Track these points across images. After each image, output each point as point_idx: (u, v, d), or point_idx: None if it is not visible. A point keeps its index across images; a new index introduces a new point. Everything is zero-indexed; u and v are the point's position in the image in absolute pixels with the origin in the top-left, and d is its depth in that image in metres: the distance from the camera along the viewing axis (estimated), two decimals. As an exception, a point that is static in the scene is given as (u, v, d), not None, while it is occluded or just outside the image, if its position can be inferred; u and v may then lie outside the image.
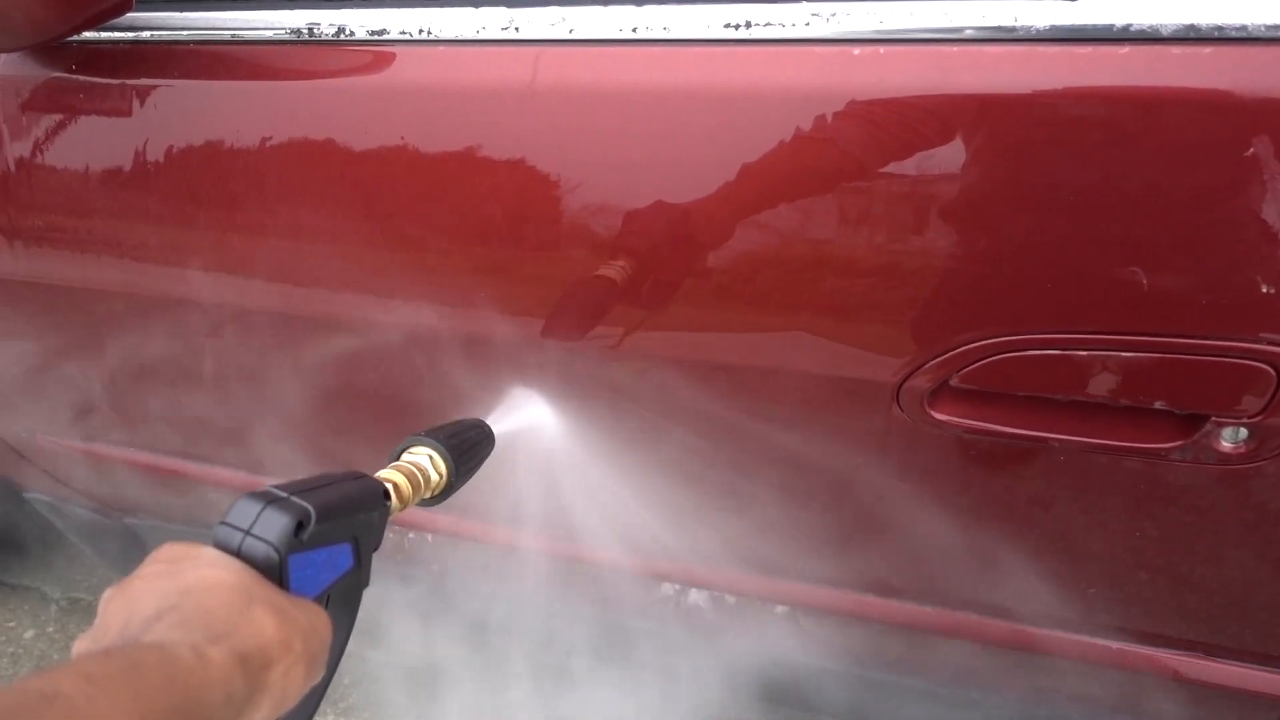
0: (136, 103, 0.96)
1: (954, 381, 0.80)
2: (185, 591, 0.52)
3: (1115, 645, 0.99)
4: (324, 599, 0.60)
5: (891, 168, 0.73)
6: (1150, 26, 0.66)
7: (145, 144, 0.97)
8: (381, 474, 0.72)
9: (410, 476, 0.73)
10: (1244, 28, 0.64)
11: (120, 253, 1.06)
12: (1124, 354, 0.73)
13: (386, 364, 1.02)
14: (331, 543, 0.61)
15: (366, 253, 0.93)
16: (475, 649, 1.59)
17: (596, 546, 1.08)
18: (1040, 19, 0.68)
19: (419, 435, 0.78)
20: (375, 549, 0.66)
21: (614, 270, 0.83)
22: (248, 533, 0.57)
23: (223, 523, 0.58)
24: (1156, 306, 0.71)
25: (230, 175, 0.94)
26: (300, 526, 0.57)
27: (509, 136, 0.83)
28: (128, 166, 0.99)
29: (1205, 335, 0.71)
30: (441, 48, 0.84)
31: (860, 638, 1.09)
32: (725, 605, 1.14)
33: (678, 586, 1.15)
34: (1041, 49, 0.68)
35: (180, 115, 0.95)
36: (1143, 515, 0.85)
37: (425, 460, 0.76)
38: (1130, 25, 0.66)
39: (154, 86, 0.95)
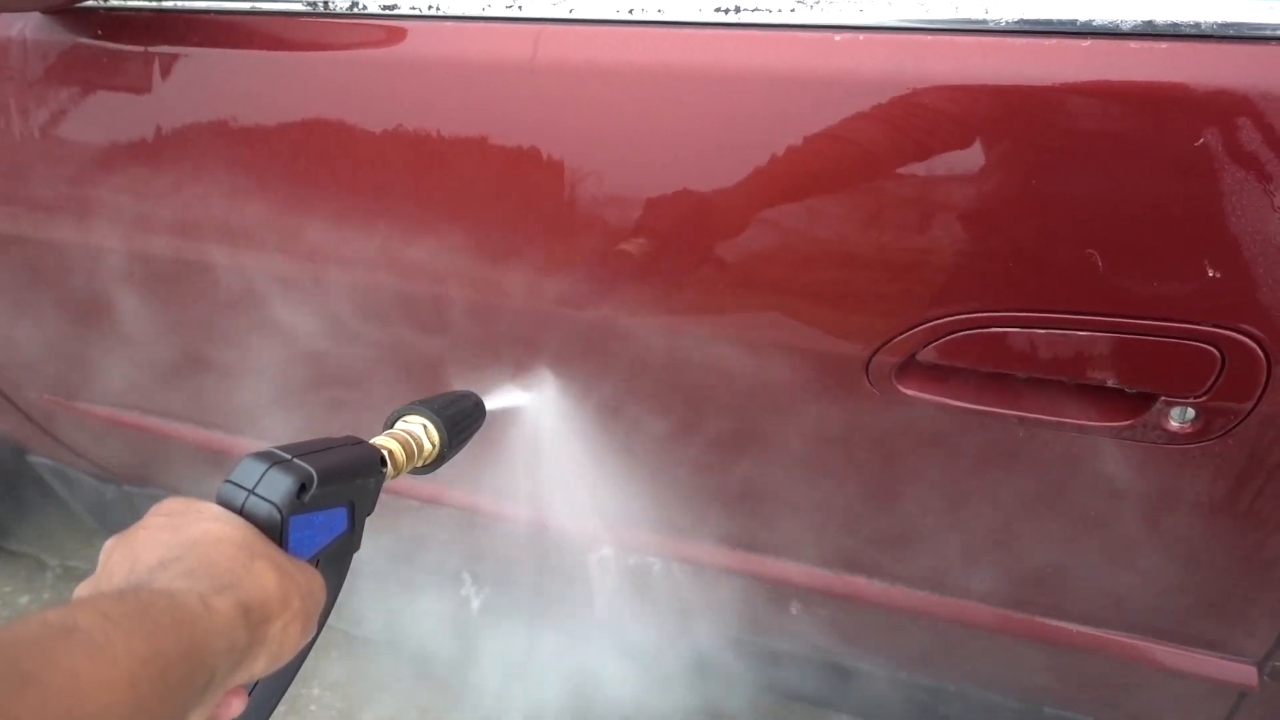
0: (158, 70, 1.01)
1: (920, 356, 0.84)
2: (190, 544, 0.53)
3: (1074, 628, 1.03)
4: (316, 560, 0.62)
5: (865, 156, 0.78)
6: (1110, 22, 0.70)
7: (165, 110, 1.01)
8: (377, 440, 0.74)
9: (405, 445, 0.75)
10: (1196, 25, 0.69)
11: (137, 219, 1.10)
12: (1080, 333, 0.77)
13: (391, 332, 1.06)
14: (329, 506, 0.63)
15: (368, 224, 0.97)
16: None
17: (570, 518, 1.12)
18: (1009, 12, 0.72)
19: (414, 404, 0.80)
20: (369, 514, 0.68)
21: (599, 244, 0.88)
22: (252, 492, 0.58)
23: (227, 480, 0.59)
24: (1111, 288, 0.75)
25: (245, 144, 0.99)
26: (303, 489, 0.59)
27: (510, 111, 0.88)
28: (146, 132, 1.03)
29: (1156, 317, 0.75)
30: (449, 24, 0.89)
31: (827, 613, 1.13)
32: (702, 578, 1.18)
33: (656, 559, 1.19)
34: (1010, 40, 0.73)
35: (199, 83, 0.99)
36: (1096, 495, 0.89)
37: (419, 429, 0.78)
38: (1093, 20, 0.71)
39: (175, 54, 1.00)
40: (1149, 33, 0.70)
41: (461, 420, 0.83)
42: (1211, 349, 0.75)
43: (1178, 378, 0.77)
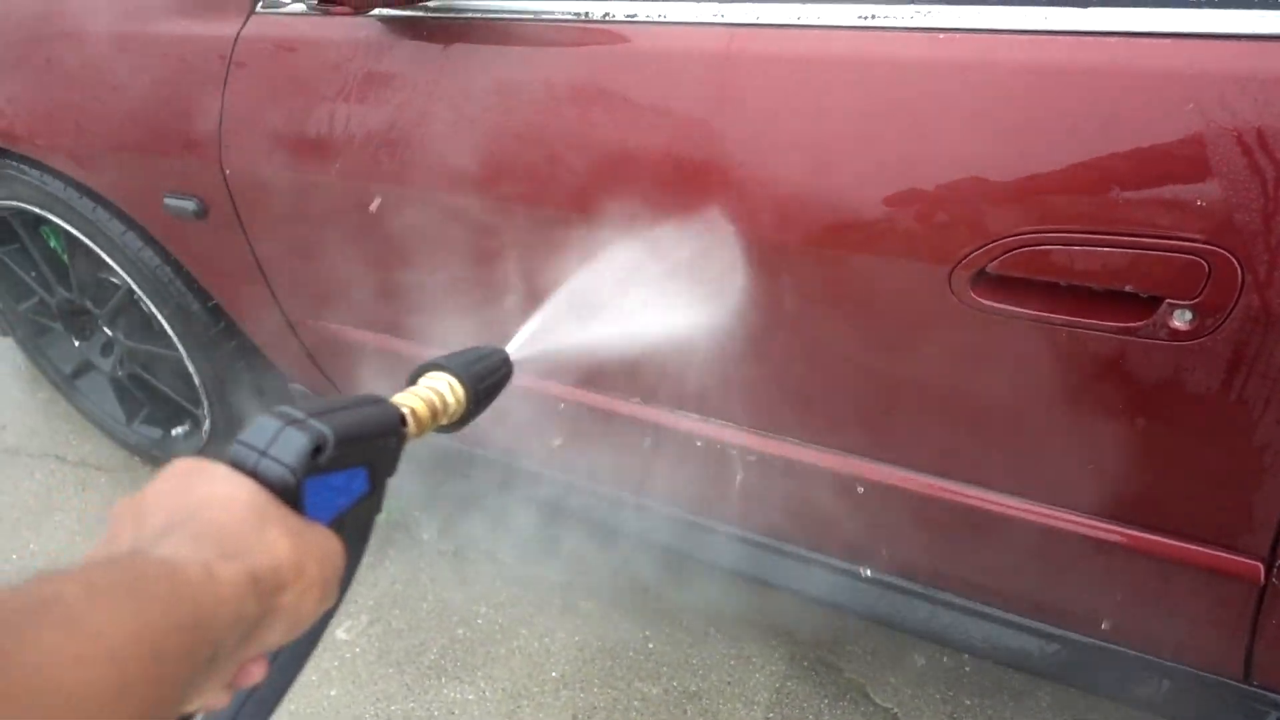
0: (462, 60, 1.44)
1: (990, 269, 1.15)
2: (197, 507, 0.52)
3: (1099, 524, 1.28)
4: (337, 524, 0.60)
5: (940, 120, 1.12)
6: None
7: (456, 93, 1.44)
8: (399, 398, 0.73)
9: (428, 403, 0.74)
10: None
11: (432, 176, 1.52)
12: (1104, 249, 1.07)
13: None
14: (347, 467, 0.61)
15: (611, 187, 1.36)
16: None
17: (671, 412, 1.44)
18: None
19: (437, 360, 0.80)
20: (390, 475, 0.67)
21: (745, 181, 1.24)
22: (264, 453, 0.56)
23: (239, 441, 0.57)
24: (1129, 212, 1.05)
25: (516, 119, 1.40)
26: (318, 450, 0.57)
27: (707, 93, 1.26)
28: (438, 110, 1.46)
29: (1161, 235, 1.04)
30: (670, 27, 1.29)
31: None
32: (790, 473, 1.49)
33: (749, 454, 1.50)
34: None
35: (491, 72, 1.42)
36: (1120, 393, 1.16)
37: (444, 387, 0.77)
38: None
39: (474, 52, 1.43)
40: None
41: (487, 377, 0.81)
42: (1201, 261, 1.03)
43: (1178, 284, 1.05)
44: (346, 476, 0.61)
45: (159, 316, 2.12)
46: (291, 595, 0.52)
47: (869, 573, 1.58)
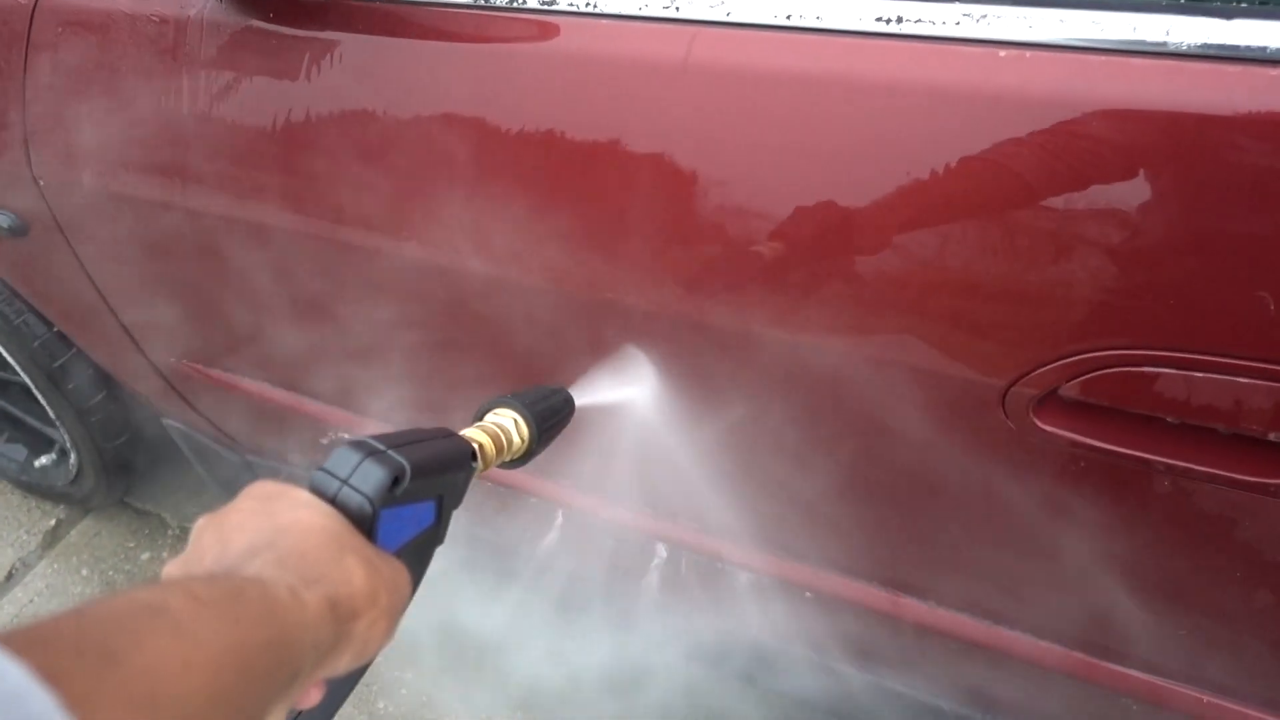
0: (321, 54, 1.05)
1: (1063, 391, 0.80)
2: (281, 531, 0.53)
3: (1195, 694, 0.97)
4: (399, 553, 0.61)
5: (1021, 179, 0.75)
6: (1302, 50, 0.66)
7: (323, 94, 1.05)
8: (468, 433, 0.74)
9: (495, 438, 0.75)
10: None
11: (285, 198, 1.14)
12: (1239, 379, 0.73)
13: (510, 325, 1.08)
14: (419, 499, 0.62)
15: (509, 210, 0.99)
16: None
17: (685, 531, 1.10)
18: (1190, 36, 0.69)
19: (505, 397, 0.80)
20: (455, 507, 0.67)
21: (733, 251, 0.87)
22: (345, 482, 0.58)
23: (321, 469, 0.59)
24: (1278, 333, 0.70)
25: (398, 130, 1.02)
26: (396, 482, 0.59)
27: (661, 110, 0.88)
28: (303, 114, 1.07)
29: (1329, 369, 0.70)
30: (604, 21, 0.90)
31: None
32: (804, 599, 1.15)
33: (764, 578, 1.17)
34: (1189, 66, 0.69)
35: (363, 68, 1.03)
36: (1242, 555, 0.83)
37: (510, 423, 0.78)
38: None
39: (338, 40, 1.04)
40: (1346, 63, 0.65)
41: (551, 416, 0.82)
42: (1389, 408, 0.69)
43: (1348, 437, 0.72)
44: (416, 509, 0.62)
45: (-6, 342, 1.73)
46: (364, 623, 0.53)
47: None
